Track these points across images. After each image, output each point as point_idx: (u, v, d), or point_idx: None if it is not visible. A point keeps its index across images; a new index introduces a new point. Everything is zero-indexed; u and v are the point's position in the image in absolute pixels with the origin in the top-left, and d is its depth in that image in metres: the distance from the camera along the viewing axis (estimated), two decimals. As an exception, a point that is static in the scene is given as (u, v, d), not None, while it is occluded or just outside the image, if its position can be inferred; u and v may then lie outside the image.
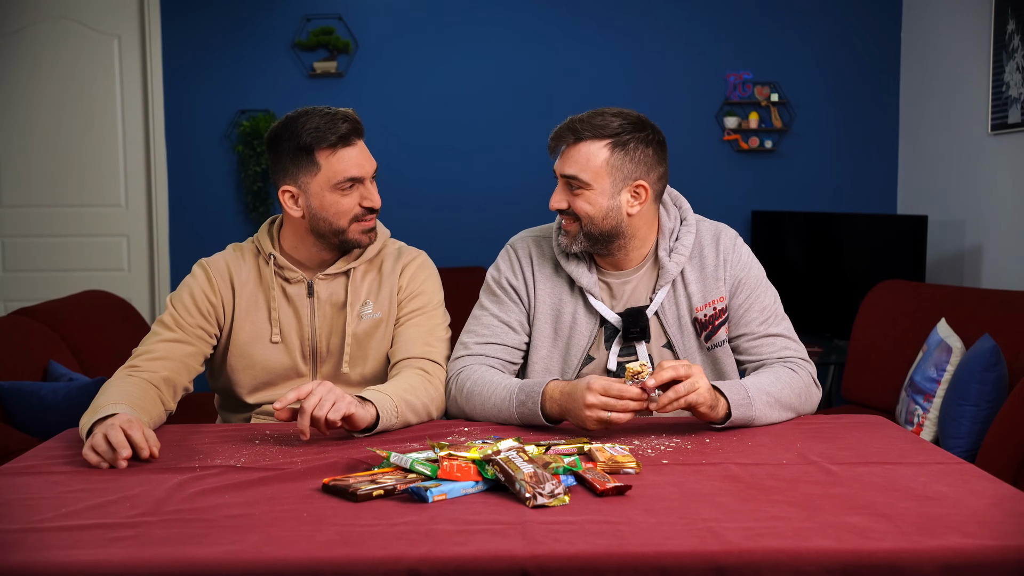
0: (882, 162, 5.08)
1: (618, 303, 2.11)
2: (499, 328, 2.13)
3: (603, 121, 2.01)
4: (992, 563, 1.28)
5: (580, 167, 2.01)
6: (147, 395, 1.97)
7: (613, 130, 2.00)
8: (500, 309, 2.14)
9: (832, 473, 1.62)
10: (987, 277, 4.23)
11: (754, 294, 2.11)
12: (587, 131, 2.00)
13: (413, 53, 5.05)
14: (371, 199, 2.10)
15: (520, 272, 2.15)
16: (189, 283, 2.15)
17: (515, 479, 1.49)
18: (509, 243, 2.21)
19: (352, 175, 2.07)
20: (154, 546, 1.32)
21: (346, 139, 2.06)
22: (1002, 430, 2.78)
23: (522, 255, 2.17)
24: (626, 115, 2.03)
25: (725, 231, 2.15)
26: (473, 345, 2.12)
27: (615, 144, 2.01)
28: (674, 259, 2.09)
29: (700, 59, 5.05)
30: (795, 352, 2.10)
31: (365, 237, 2.13)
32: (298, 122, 2.06)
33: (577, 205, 2.03)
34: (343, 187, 2.06)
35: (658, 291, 2.10)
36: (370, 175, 2.10)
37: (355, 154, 2.07)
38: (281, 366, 2.15)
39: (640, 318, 2.08)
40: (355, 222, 2.10)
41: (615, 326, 2.10)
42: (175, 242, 5.10)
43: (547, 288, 2.13)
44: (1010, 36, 3.97)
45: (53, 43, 5.02)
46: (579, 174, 2.01)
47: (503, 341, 2.12)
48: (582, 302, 2.11)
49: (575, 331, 2.10)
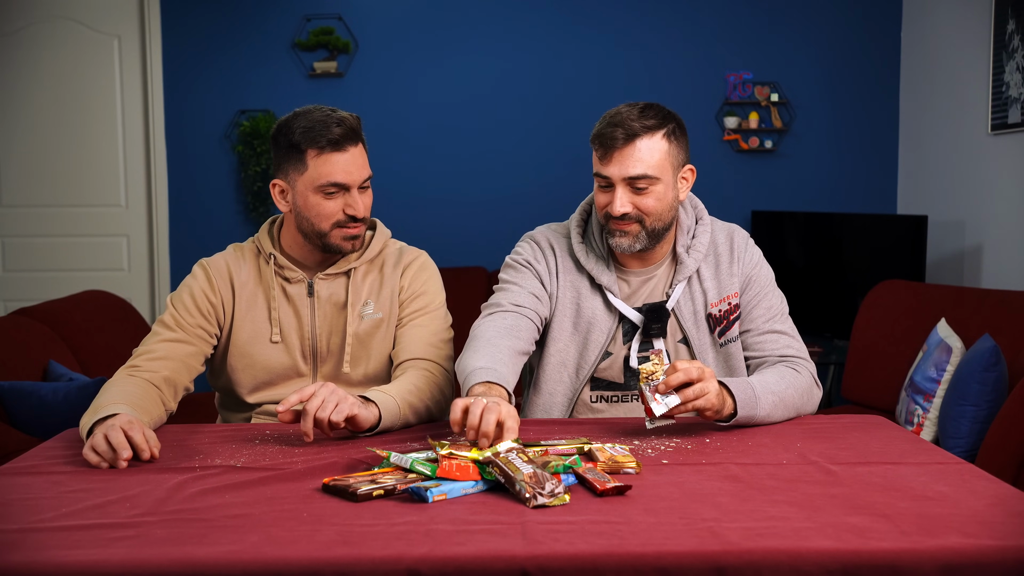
0: (882, 162, 5.08)
1: (636, 299, 2.13)
2: (527, 296, 2.09)
3: (651, 114, 2.00)
4: (992, 563, 1.28)
5: (647, 164, 2.00)
6: (148, 395, 1.97)
7: (662, 120, 2.01)
8: (524, 280, 2.12)
9: (832, 473, 1.62)
10: (987, 277, 4.23)
11: (762, 292, 2.14)
12: (642, 128, 1.99)
13: (413, 53, 5.05)
14: (354, 208, 2.07)
15: (543, 259, 2.15)
16: (189, 283, 2.15)
17: (515, 480, 1.49)
18: (529, 235, 2.20)
19: (336, 180, 2.05)
20: (154, 546, 1.32)
21: (337, 144, 2.04)
22: (1002, 430, 2.78)
23: (544, 245, 2.16)
24: (657, 106, 2.04)
25: (738, 231, 2.18)
26: (505, 302, 2.08)
27: (668, 133, 2.02)
28: (692, 255, 2.11)
29: (700, 59, 5.05)
30: (797, 351, 2.11)
31: (347, 244, 2.10)
32: (297, 119, 2.06)
33: (644, 204, 2.01)
34: (327, 190, 2.05)
35: (675, 287, 2.11)
36: (358, 183, 2.07)
37: (343, 160, 2.05)
38: (281, 366, 2.15)
39: (662, 314, 2.09)
40: (337, 227, 2.08)
41: (635, 323, 2.11)
42: (175, 242, 5.10)
43: (568, 281, 2.14)
44: (1010, 36, 3.97)
45: (53, 43, 5.02)
46: (648, 171, 1.99)
47: (533, 307, 2.09)
48: (601, 299, 2.12)
49: (594, 327, 2.11)
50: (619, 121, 1.99)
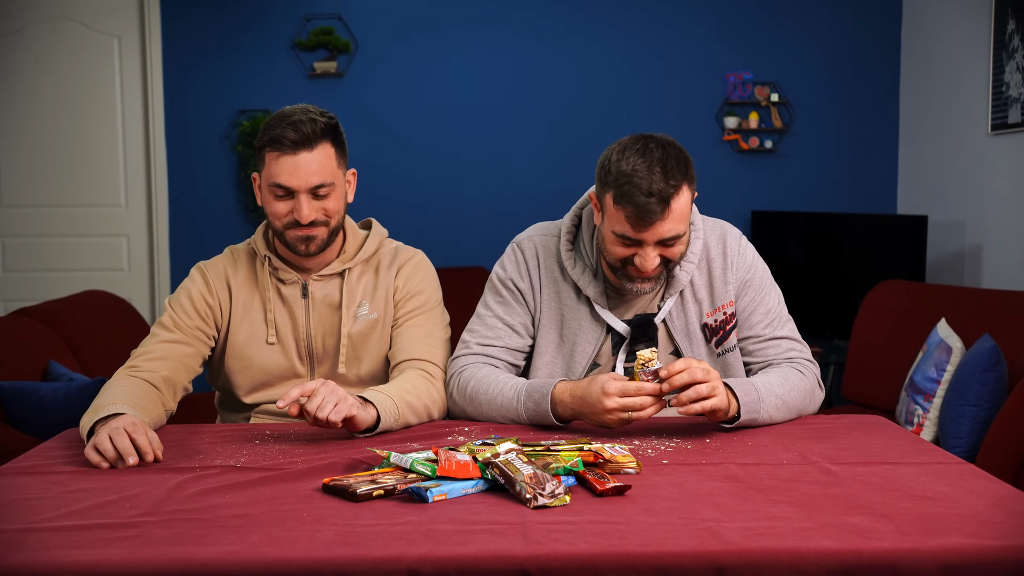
0: (882, 162, 5.08)
1: (626, 312, 2.09)
2: (503, 330, 2.10)
3: (673, 168, 1.87)
4: (992, 563, 1.28)
5: (678, 222, 1.90)
6: (147, 395, 1.97)
7: (684, 170, 1.89)
8: (505, 311, 2.11)
9: (832, 473, 1.62)
10: (987, 277, 4.23)
11: (759, 295, 2.10)
12: (673, 190, 1.87)
13: (413, 53, 5.05)
14: (298, 213, 2.03)
15: (527, 274, 2.11)
16: (187, 286, 2.15)
17: (515, 481, 1.49)
18: (516, 242, 2.16)
19: (280, 182, 2.02)
20: (154, 546, 1.32)
21: (286, 146, 2.00)
22: (1002, 430, 2.78)
23: (529, 255, 2.12)
24: (671, 150, 1.90)
25: (730, 231, 2.12)
26: (475, 345, 2.09)
27: (688, 181, 1.91)
28: (685, 268, 2.05)
29: (700, 59, 5.05)
30: (801, 353, 2.09)
31: (301, 245, 2.08)
32: (273, 116, 2.06)
33: (673, 252, 1.95)
34: (276, 192, 2.04)
35: (667, 300, 2.07)
36: (305, 188, 2.02)
37: (290, 163, 2.01)
38: (278, 367, 2.15)
39: (649, 327, 2.06)
40: (288, 228, 2.06)
41: (622, 334, 2.08)
42: (175, 242, 5.10)
43: (553, 292, 2.10)
44: (1010, 36, 3.97)
45: (53, 43, 5.02)
46: (679, 230, 1.91)
47: (506, 344, 2.10)
48: (588, 309, 2.08)
49: (580, 338, 2.08)
50: (649, 187, 1.85)
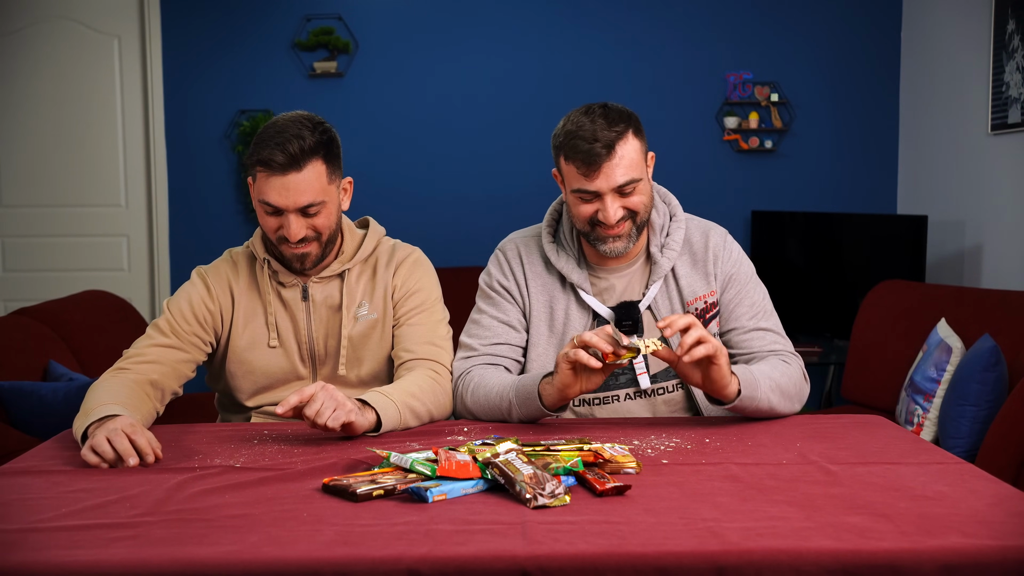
0: (882, 162, 5.08)
1: (610, 298, 2.12)
2: (501, 328, 2.13)
3: (615, 117, 1.97)
4: (992, 563, 1.28)
5: (629, 168, 1.98)
6: (135, 393, 1.95)
7: (627, 120, 1.99)
8: (498, 310, 2.15)
9: (832, 473, 1.62)
10: (987, 277, 4.23)
11: (744, 290, 2.13)
12: (616, 135, 1.96)
13: (413, 53, 5.05)
14: (286, 231, 2.01)
15: (511, 273, 2.16)
16: (188, 290, 2.14)
17: (515, 481, 1.49)
18: (498, 247, 2.21)
19: (269, 200, 1.99)
20: (154, 546, 1.32)
21: (279, 169, 1.96)
22: (1002, 430, 2.78)
23: (511, 256, 2.17)
24: (611, 106, 2.01)
25: (715, 228, 2.17)
26: (480, 347, 2.12)
27: (635, 130, 2.00)
28: (666, 255, 2.11)
29: (700, 59, 5.05)
30: (784, 346, 2.13)
31: (296, 263, 2.07)
32: (265, 127, 2.01)
33: (634, 203, 2.01)
34: (265, 208, 2.01)
35: (651, 286, 2.11)
36: (294, 208, 1.98)
37: (279, 184, 1.96)
38: (280, 370, 2.15)
39: (632, 310, 2.09)
40: (282, 243, 2.04)
41: (606, 319, 2.11)
42: (175, 242, 5.10)
43: (539, 285, 2.14)
44: (1010, 36, 3.97)
45: (53, 43, 5.02)
46: (632, 175, 1.98)
47: (507, 340, 2.13)
48: (574, 297, 2.12)
49: (568, 326, 2.11)
50: (593, 135, 1.94)
